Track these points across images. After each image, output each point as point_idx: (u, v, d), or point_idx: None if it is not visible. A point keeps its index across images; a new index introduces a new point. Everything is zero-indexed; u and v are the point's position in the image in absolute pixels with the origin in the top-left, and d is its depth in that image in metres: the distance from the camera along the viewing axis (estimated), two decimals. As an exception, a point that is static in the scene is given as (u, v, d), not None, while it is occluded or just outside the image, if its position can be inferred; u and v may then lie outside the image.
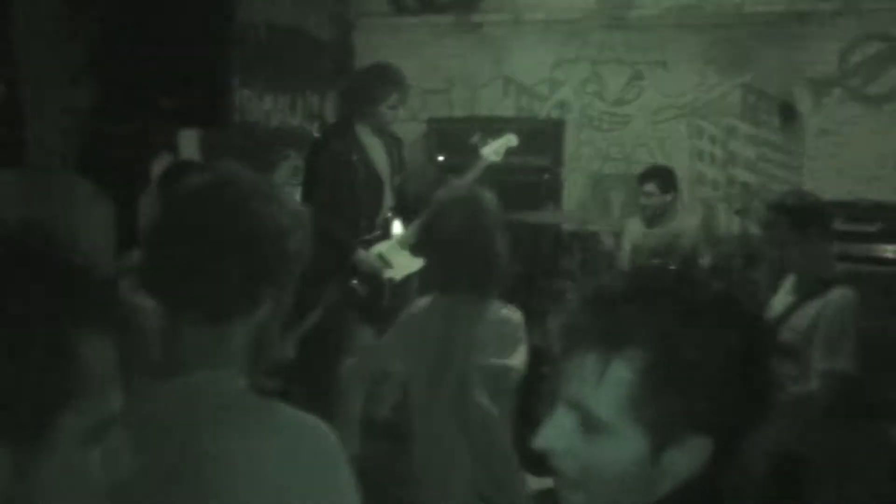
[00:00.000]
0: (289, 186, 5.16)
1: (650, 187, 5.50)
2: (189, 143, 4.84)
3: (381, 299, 4.34)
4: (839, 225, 5.21)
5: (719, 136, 6.18)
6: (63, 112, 3.77)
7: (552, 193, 5.78)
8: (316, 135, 5.57)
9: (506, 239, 2.64)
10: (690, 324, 1.04)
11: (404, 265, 4.47)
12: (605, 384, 1.05)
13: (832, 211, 3.72)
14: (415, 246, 3.58)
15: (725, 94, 6.10)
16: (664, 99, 6.21)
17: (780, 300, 3.45)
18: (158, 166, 4.01)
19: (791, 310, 3.33)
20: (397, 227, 4.58)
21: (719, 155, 6.19)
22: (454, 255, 2.60)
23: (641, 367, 1.04)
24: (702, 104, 6.15)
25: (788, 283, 3.46)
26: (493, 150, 4.70)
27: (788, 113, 5.99)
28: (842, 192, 5.66)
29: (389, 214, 4.53)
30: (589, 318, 1.07)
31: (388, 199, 4.54)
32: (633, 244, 5.66)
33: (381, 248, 4.45)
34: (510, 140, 4.77)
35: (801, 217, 3.29)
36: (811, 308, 3.28)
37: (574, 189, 6.34)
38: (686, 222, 5.60)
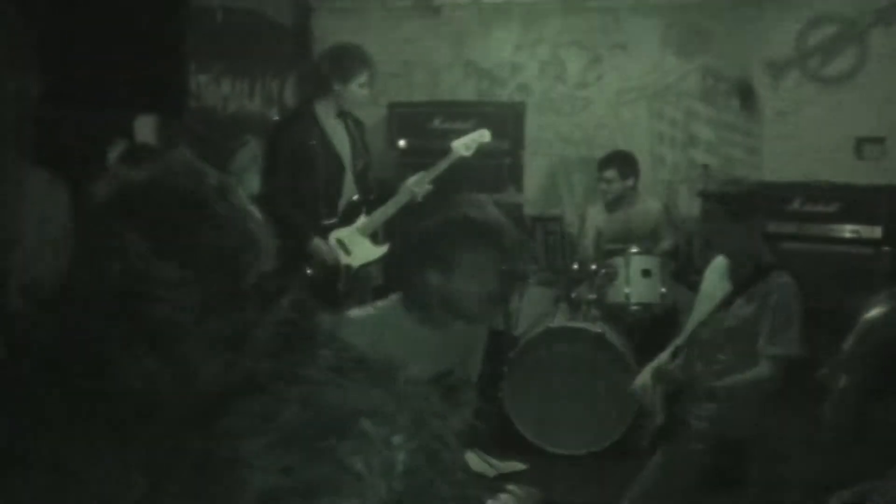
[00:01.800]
0: (248, 174, 5.16)
1: (610, 174, 5.53)
2: (145, 129, 4.74)
3: (335, 286, 4.34)
4: (797, 206, 5.36)
5: (679, 118, 6.21)
6: (15, 98, 3.71)
7: (514, 177, 5.80)
8: (275, 118, 5.57)
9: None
10: None
11: (364, 253, 4.48)
12: None
13: (766, 195, 3.80)
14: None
15: (685, 77, 6.14)
16: (624, 82, 6.23)
17: (714, 285, 3.46)
18: (114, 153, 3.98)
19: (733, 296, 3.35)
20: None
21: (679, 137, 6.23)
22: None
23: None
24: (662, 87, 6.18)
25: (717, 267, 3.47)
26: (464, 144, 4.71)
27: (747, 95, 6.03)
28: (800, 173, 5.76)
29: (355, 198, 4.49)
30: None
31: (350, 184, 4.53)
32: (595, 228, 5.70)
33: (341, 234, 4.44)
34: (482, 135, 4.79)
35: (738, 206, 3.31)
36: (754, 295, 3.29)
37: (536, 173, 6.35)
38: (648, 206, 5.62)
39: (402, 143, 5.76)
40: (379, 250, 4.55)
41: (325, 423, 0.70)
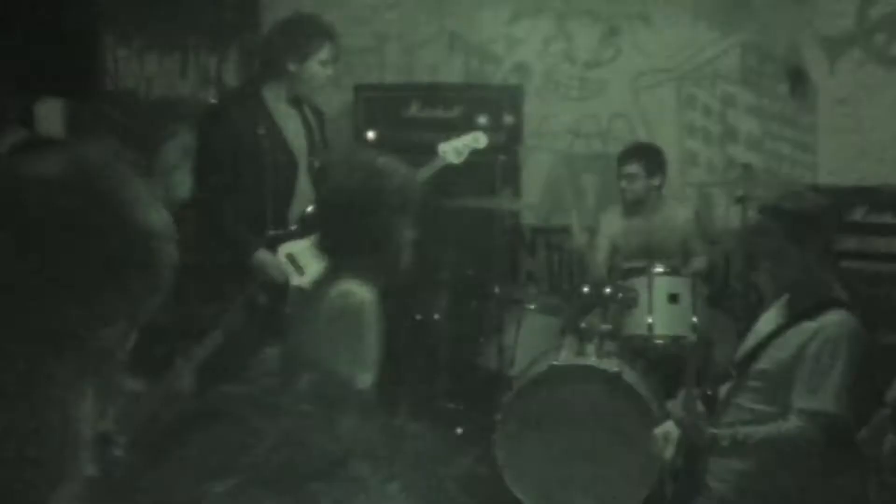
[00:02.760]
0: (177, 172, 5.17)
1: (633, 168, 5.56)
2: (49, 116, 4.76)
3: (281, 311, 4.25)
4: (860, 216, 5.38)
5: (715, 106, 6.22)
6: None
7: (509, 178, 5.77)
8: (212, 101, 5.55)
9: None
10: None
11: (320, 271, 4.44)
12: None
13: (837, 214, 3.84)
14: None
15: (721, 55, 6.17)
16: (647, 60, 6.26)
17: (769, 319, 3.52)
18: (6, 143, 3.99)
19: (775, 334, 3.39)
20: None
21: (715, 130, 6.24)
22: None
23: None
24: (693, 67, 6.22)
25: (782, 300, 3.52)
26: (454, 149, 4.70)
27: (797, 78, 6.05)
28: (863, 175, 5.78)
29: (311, 209, 4.51)
30: None
31: (305, 187, 4.53)
32: (610, 241, 5.72)
33: (293, 248, 4.43)
34: (477, 139, 4.80)
35: (800, 226, 3.34)
36: (799, 334, 3.34)
37: (537, 173, 6.35)
38: (675, 213, 5.66)
39: (370, 134, 5.76)
40: None
41: (309, 464, 0.69)
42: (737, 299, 5.57)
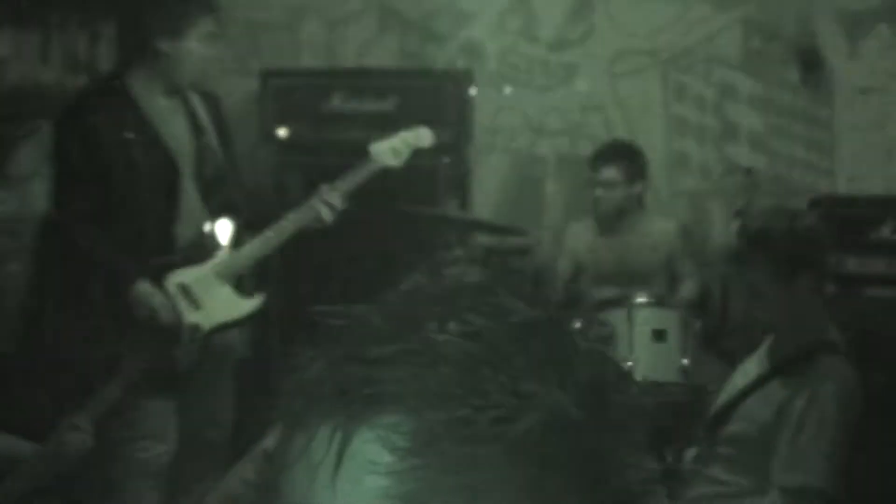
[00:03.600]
0: (35, 181, 5.10)
1: (609, 173, 5.55)
2: None
3: (173, 358, 4.28)
4: (888, 232, 5.38)
5: (710, 97, 6.24)
6: None
7: (455, 187, 5.80)
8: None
9: None
10: None
11: (222, 308, 4.42)
12: None
13: (833, 239, 3.91)
14: None
15: (718, 34, 6.19)
16: (626, 40, 6.27)
17: (747, 369, 3.54)
18: None
19: (752, 388, 3.41)
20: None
21: (711, 126, 6.26)
22: None
23: None
24: (683, 49, 6.24)
25: (764, 345, 3.55)
26: (392, 148, 4.66)
27: (811, 63, 6.07)
28: (891, 182, 5.82)
29: (208, 227, 4.46)
30: None
31: (194, 201, 4.46)
32: (577, 260, 5.71)
33: (186, 277, 4.36)
34: (420, 137, 4.75)
35: (789, 255, 3.36)
36: (781, 389, 3.35)
37: (490, 179, 6.36)
38: (660, 228, 5.68)
39: (281, 132, 5.72)
40: (246, 305, 4.49)
41: None
42: (737, 337, 5.52)
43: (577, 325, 5.05)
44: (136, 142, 4.30)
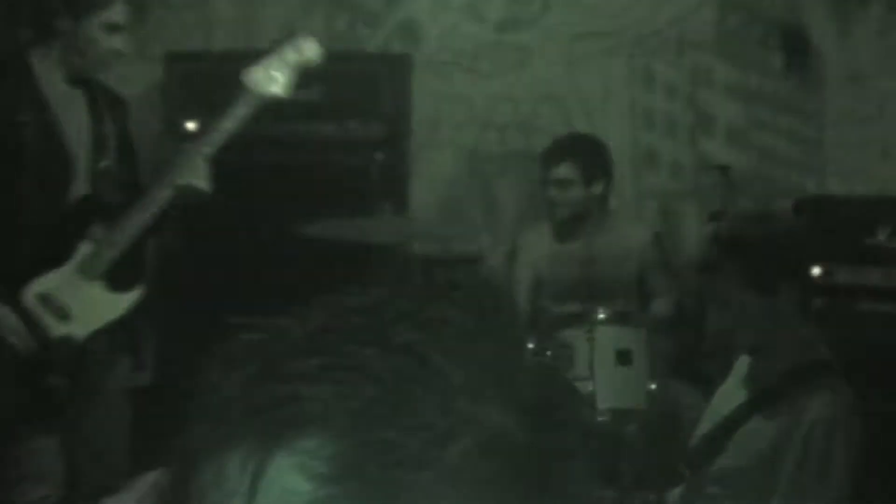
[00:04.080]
0: None
1: (565, 171, 5.51)
2: None
3: (46, 384, 4.25)
4: (884, 238, 5.37)
5: (681, 85, 6.29)
6: None
7: (391, 188, 5.67)
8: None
9: None
10: None
11: (95, 310, 4.40)
12: None
13: (818, 245, 4.15)
14: None
15: (691, 14, 6.23)
16: (586, 20, 6.30)
17: (728, 394, 3.55)
18: None
19: (739, 418, 3.40)
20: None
21: (682, 118, 6.31)
22: None
23: None
24: (650, 31, 6.28)
25: (742, 367, 3.55)
26: (266, 73, 4.59)
27: (797, 46, 6.10)
28: (886, 181, 5.85)
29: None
30: None
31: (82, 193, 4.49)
32: (534, 271, 5.70)
33: (46, 284, 4.34)
34: (301, 49, 4.60)
35: (769, 264, 3.38)
36: (772, 418, 3.36)
37: (431, 178, 6.34)
38: (627, 234, 5.69)
39: (190, 125, 5.62)
40: (124, 300, 4.45)
41: None
42: (716, 359, 5.52)
43: (532, 345, 5.08)
44: (28, 126, 4.32)
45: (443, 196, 6.41)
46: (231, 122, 4.45)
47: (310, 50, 4.61)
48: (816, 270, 5.42)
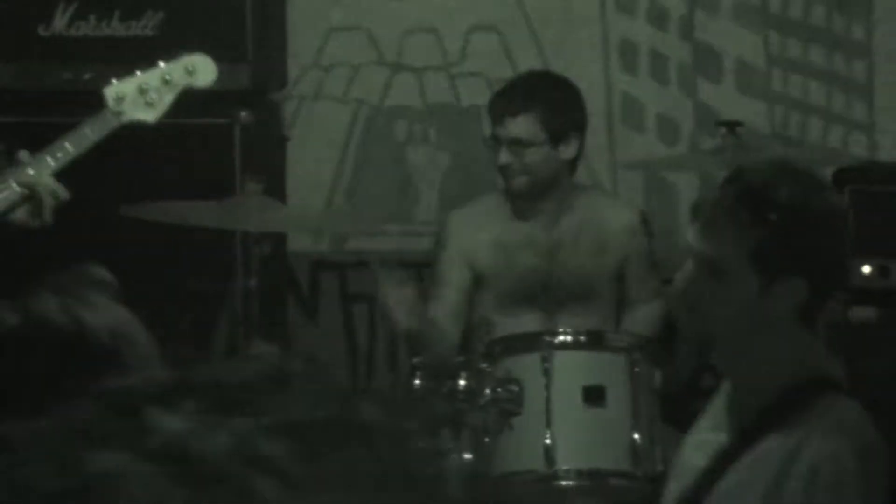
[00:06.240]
0: None
1: (518, 128, 5.54)
2: None
3: None
4: None
5: (677, 8, 6.51)
6: None
7: (259, 159, 5.88)
8: None
9: None
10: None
11: None
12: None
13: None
14: None
15: None
16: None
17: (707, 430, 3.59)
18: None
19: (725, 460, 3.43)
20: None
21: (677, 52, 6.51)
22: None
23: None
24: None
25: (721, 394, 3.61)
26: (137, 91, 4.71)
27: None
28: None
29: None
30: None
31: None
32: (471, 269, 5.73)
33: None
34: (191, 70, 4.77)
35: (763, 253, 3.38)
36: (767, 456, 3.39)
37: (316, 146, 6.50)
38: (603, 216, 5.77)
39: None
40: None
41: None
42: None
43: (463, 382, 5.14)
44: None
45: (333, 174, 6.53)
46: (87, 138, 4.62)
47: (204, 73, 4.82)
48: (866, 269, 5.45)
